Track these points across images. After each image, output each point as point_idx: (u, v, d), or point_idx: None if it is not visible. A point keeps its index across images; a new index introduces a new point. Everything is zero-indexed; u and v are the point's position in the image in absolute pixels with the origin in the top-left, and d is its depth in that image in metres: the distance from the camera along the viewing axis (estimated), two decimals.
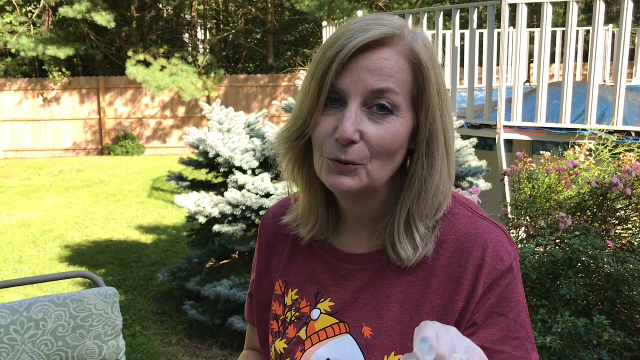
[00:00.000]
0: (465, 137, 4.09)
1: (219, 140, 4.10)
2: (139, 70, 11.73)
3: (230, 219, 3.91)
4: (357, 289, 0.88)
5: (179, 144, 13.68)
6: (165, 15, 15.64)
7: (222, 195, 3.97)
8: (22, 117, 13.36)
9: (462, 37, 6.65)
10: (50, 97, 13.38)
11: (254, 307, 1.02)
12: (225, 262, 4.71)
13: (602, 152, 2.96)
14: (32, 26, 13.05)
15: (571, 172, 2.63)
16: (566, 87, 4.23)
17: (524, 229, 2.46)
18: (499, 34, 4.88)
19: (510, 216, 2.67)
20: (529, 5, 4.50)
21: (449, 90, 5.41)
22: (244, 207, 3.80)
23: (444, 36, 6.73)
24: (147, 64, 12.26)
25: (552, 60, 9.17)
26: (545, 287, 2.08)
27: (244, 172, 4.05)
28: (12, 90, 13.28)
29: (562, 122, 4.30)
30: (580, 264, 2.11)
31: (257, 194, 3.84)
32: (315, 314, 0.91)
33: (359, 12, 9.04)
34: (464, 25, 6.98)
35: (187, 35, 16.15)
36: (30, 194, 9.33)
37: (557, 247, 2.32)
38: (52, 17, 13.51)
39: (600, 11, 4.03)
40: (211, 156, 4.05)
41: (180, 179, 4.56)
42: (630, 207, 2.50)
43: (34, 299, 1.77)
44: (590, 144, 2.91)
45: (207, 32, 16.42)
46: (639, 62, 7.60)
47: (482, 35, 6.23)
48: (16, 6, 12.89)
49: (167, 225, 7.32)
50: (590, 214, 2.52)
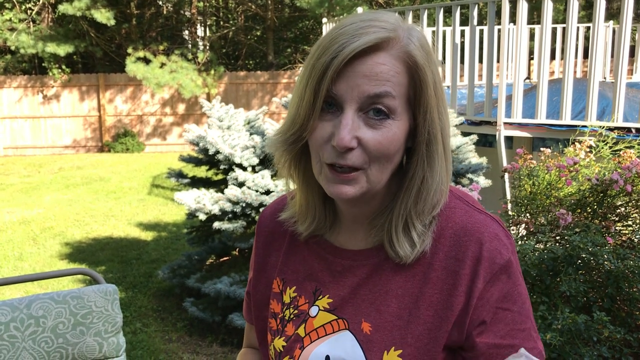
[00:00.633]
0: (465, 134, 4.08)
1: (219, 137, 4.09)
2: (139, 67, 11.72)
3: (230, 215, 3.91)
4: (355, 284, 0.88)
5: (179, 141, 13.67)
6: (164, 12, 15.62)
7: (222, 192, 3.97)
8: (21, 114, 13.36)
9: (462, 33, 6.64)
10: (50, 94, 13.37)
11: (252, 305, 1.02)
12: (225, 259, 4.71)
13: (602, 148, 2.96)
14: (31, 23, 13.04)
15: (571, 168, 2.63)
16: (566, 83, 4.23)
17: (524, 225, 2.45)
18: (499, 30, 4.87)
19: (510, 213, 2.67)
20: (529, 1, 4.49)
21: (449, 87, 5.41)
22: (244, 204, 3.80)
23: (444, 33, 6.73)
24: (146, 61, 12.25)
25: (552, 56, 9.17)
26: (545, 284, 2.08)
27: (244, 169, 4.05)
28: (11, 87, 13.27)
29: (562, 118, 4.30)
30: (580, 261, 2.11)
31: (257, 191, 3.84)
32: (313, 311, 0.91)
33: (359, 9, 9.03)
34: (464, 21, 6.96)
35: (186, 32, 16.14)
36: (30, 191, 9.33)
37: (557, 244, 2.32)
38: (51, 14, 13.50)
39: (600, 7, 4.03)
40: (211, 153, 4.04)
41: (180, 176, 4.55)
42: (630, 204, 2.50)
43: (34, 296, 1.77)
44: (590, 140, 2.90)
45: (207, 28, 16.39)
46: (639, 58, 7.58)
47: (482, 31, 6.22)
48: (15, 3, 12.87)
49: (167, 222, 7.32)
50: (590, 210, 2.52)
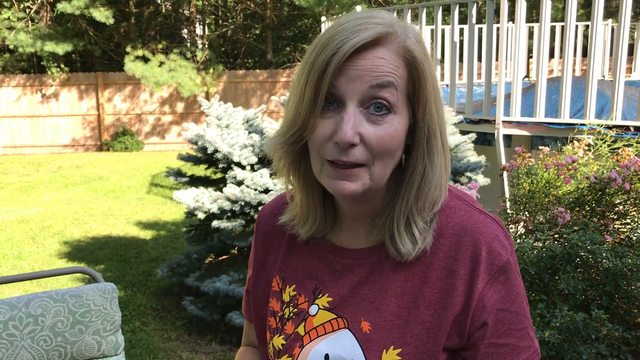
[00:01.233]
0: (464, 132, 4.08)
1: (218, 135, 4.09)
2: (138, 66, 11.71)
3: (229, 214, 3.91)
4: (355, 283, 0.88)
5: (178, 140, 13.66)
6: (163, 10, 15.61)
7: (221, 190, 3.97)
8: (20, 113, 13.34)
9: (461, 32, 6.64)
10: (48, 93, 13.35)
11: (251, 303, 1.02)
12: (224, 257, 4.71)
13: (601, 146, 2.97)
14: (30, 22, 13.01)
15: (570, 167, 2.63)
16: (565, 82, 4.23)
17: (522, 223, 2.46)
18: (498, 28, 4.87)
19: (508, 211, 2.67)
20: (527, 0, 4.49)
21: (448, 85, 5.41)
22: (243, 203, 3.80)
23: (443, 31, 6.73)
24: (145, 60, 12.24)
25: (551, 55, 9.16)
26: (543, 282, 2.08)
27: (243, 167, 4.05)
28: (10, 86, 13.25)
29: (560, 117, 4.30)
30: (578, 259, 2.11)
31: (255, 190, 3.84)
32: (313, 310, 0.91)
33: (358, 7, 9.02)
34: (463, 20, 6.96)
35: (185, 30, 16.12)
36: (29, 190, 9.32)
37: (556, 242, 2.32)
38: (50, 12, 13.48)
39: (599, 6, 4.03)
40: (210, 152, 4.04)
41: (178, 174, 4.55)
42: (628, 202, 2.51)
43: (33, 295, 1.77)
44: (588, 138, 2.91)
45: (206, 27, 16.37)
46: (637, 57, 7.58)
47: (481, 30, 6.22)
48: (14, 2, 12.85)
49: (166, 220, 7.31)
50: (588, 208, 2.53)
